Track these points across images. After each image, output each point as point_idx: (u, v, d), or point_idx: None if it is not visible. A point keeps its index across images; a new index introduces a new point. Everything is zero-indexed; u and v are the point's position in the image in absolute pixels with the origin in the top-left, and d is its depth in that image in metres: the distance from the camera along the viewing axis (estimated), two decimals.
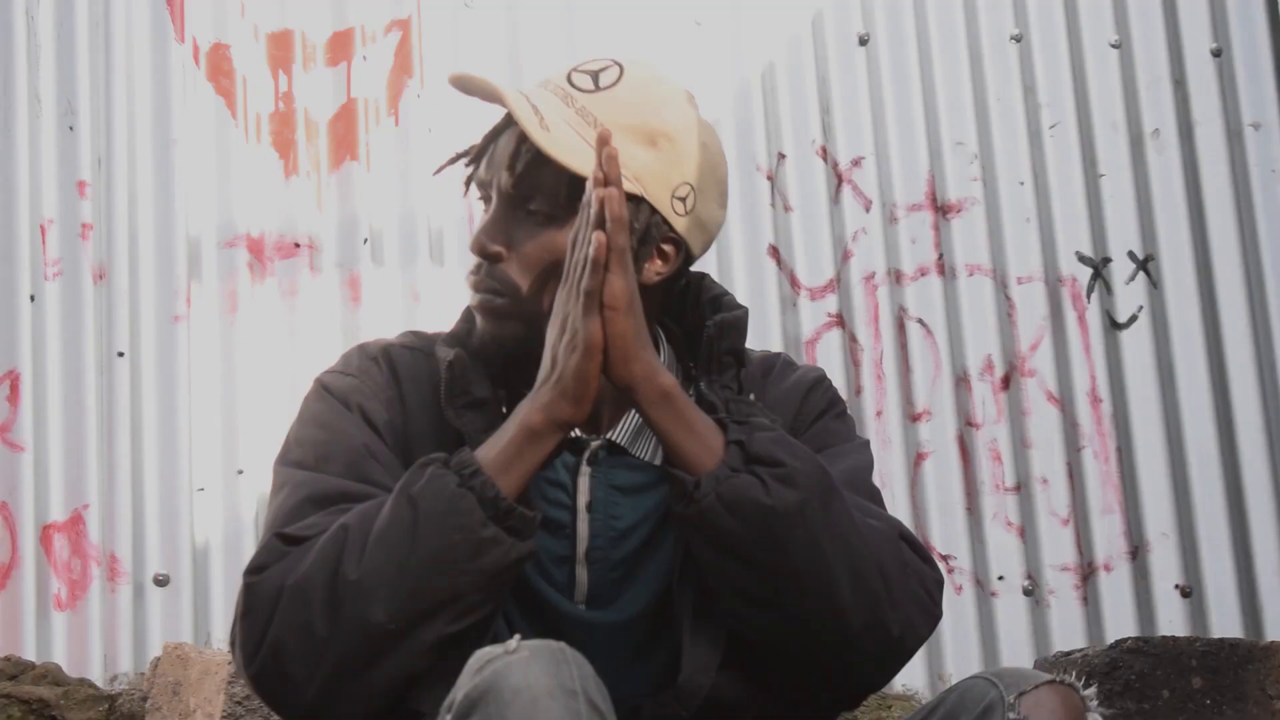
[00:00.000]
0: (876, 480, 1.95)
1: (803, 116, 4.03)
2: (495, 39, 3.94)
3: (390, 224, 3.82)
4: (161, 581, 3.57)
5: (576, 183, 1.77)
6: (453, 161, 1.94)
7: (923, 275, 4.02)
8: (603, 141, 1.67)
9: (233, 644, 1.74)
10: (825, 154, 4.03)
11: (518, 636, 1.56)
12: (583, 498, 1.84)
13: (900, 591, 1.77)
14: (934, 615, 1.82)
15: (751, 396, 1.87)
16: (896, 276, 4.01)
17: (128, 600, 3.56)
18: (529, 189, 1.81)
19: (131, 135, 3.74)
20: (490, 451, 1.72)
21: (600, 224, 1.66)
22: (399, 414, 1.86)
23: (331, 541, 1.69)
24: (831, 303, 3.97)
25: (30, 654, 3.45)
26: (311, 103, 3.84)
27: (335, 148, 3.83)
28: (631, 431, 1.87)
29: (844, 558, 1.72)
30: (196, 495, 3.62)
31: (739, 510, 1.69)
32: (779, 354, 2.02)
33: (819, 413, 1.95)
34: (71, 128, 3.71)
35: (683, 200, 1.83)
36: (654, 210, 1.81)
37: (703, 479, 1.70)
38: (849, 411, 2.03)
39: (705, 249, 1.90)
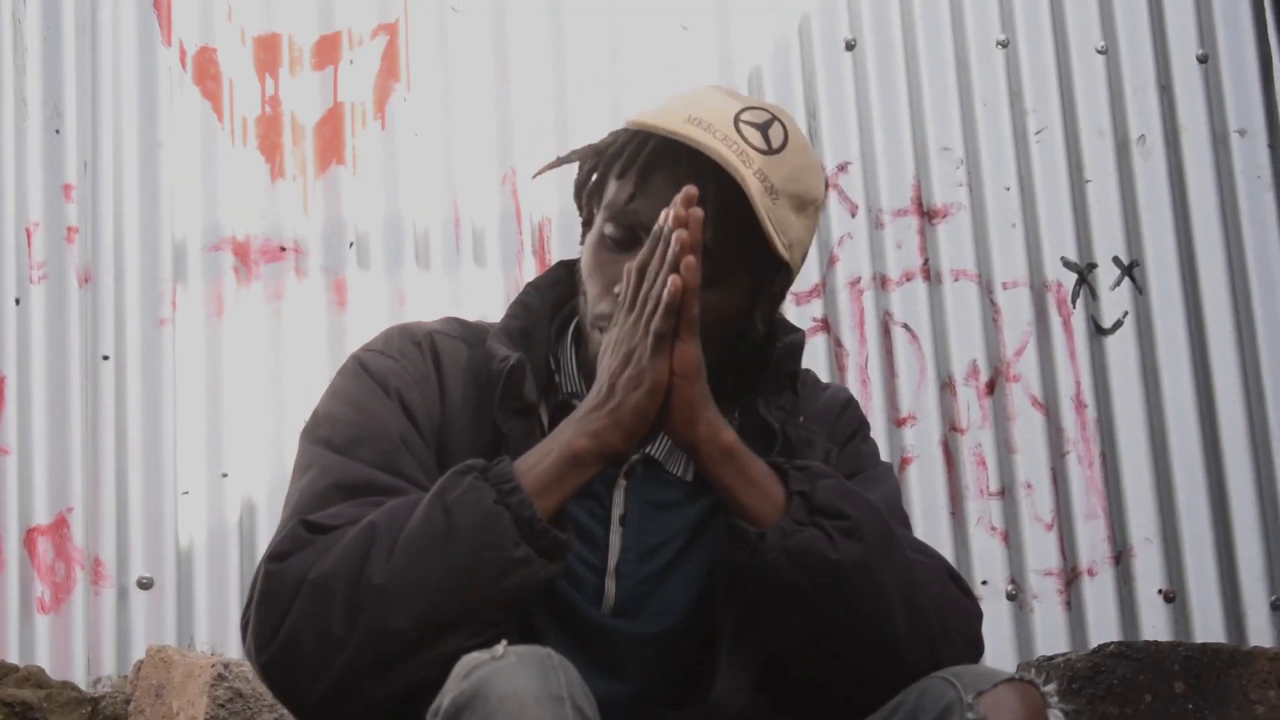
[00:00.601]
0: None
1: None
2: (482, 43, 3.94)
3: (376, 228, 3.81)
4: (145, 585, 3.56)
5: (765, 256, 1.77)
6: (555, 165, 1.89)
7: (908, 280, 4.02)
8: (689, 201, 1.63)
9: (244, 629, 1.70)
10: None
11: (504, 642, 1.55)
12: (616, 510, 1.83)
13: (953, 630, 1.77)
14: (979, 651, 1.82)
15: (801, 419, 1.87)
16: (882, 281, 4.01)
17: (111, 603, 3.54)
18: (733, 259, 1.78)
19: (117, 138, 3.72)
20: (530, 469, 1.68)
21: (675, 267, 1.62)
22: (437, 404, 1.82)
23: (358, 540, 1.65)
24: (817, 307, 3.97)
25: (13, 657, 3.43)
26: (298, 106, 3.83)
27: (321, 151, 3.82)
28: (668, 447, 1.85)
29: (904, 603, 1.72)
30: (181, 499, 3.61)
31: (805, 564, 1.68)
32: (805, 370, 2.00)
33: (850, 434, 1.96)
34: (57, 131, 3.70)
35: (801, 260, 1.86)
36: (790, 274, 1.84)
37: (768, 532, 1.68)
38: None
39: None
